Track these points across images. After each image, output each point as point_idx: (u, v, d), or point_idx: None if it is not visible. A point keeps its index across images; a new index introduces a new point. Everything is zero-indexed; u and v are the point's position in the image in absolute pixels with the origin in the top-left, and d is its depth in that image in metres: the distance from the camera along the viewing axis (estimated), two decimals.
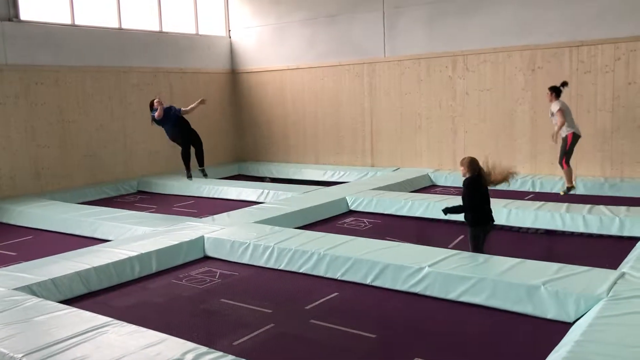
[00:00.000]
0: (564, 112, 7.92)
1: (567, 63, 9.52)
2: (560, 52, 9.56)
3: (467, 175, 5.55)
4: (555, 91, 8.09)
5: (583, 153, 9.55)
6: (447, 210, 5.59)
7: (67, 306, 4.50)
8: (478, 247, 5.57)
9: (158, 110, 8.14)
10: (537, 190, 9.31)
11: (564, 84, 8.19)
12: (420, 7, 10.88)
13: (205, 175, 8.90)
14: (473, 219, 5.56)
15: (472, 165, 5.54)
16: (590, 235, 6.62)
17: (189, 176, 8.88)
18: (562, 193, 8.49)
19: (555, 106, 7.98)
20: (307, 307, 4.82)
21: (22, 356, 3.51)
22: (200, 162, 8.76)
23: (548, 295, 4.39)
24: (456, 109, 10.74)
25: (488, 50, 10.24)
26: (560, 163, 8.25)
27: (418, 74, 11.07)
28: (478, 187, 5.51)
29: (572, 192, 8.39)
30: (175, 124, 8.40)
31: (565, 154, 8.14)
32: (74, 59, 10.61)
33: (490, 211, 5.60)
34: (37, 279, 5.09)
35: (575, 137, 8.08)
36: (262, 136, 13.46)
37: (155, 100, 8.29)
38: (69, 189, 10.38)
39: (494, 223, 5.71)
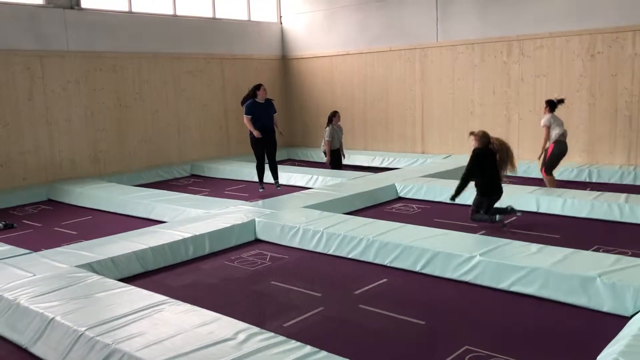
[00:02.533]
0: (549, 127, 7.78)
1: (629, 48, 9.13)
2: (623, 37, 9.17)
3: (477, 147, 5.96)
4: (549, 105, 7.93)
5: None
6: (454, 197, 6.19)
7: (125, 284, 4.68)
8: (478, 208, 6.13)
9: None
10: (595, 179, 9.02)
11: (560, 100, 7.98)
12: None
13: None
14: (481, 188, 6.07)
15: (483, 138, 5.95)
16: None
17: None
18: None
19: (544, 120, 7.85)
20: (356, 292, 4.85)
21: (85, 330, 3.69)
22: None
23: (604, 288, 4.27)
24: (511, 95, 10.48)
25: (545, 35, 9.93)
26: (540, 170, 8.08)
27: (472, 60, 10.85)
28: (486, 159, 5.91)
29: None
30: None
31: (545, 164, 7.93)
32: (131, 45, 10.92)
33: (499, 181, 6.12)
34: (97, 257, 5.32)
35: (557, 147, 7.77)
36: (311, 122, 13.52)
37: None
38: (125, 171, 10.75)
39: (502, 193, 6.24)
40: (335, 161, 9.79)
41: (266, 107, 8.54)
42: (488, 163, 5.87)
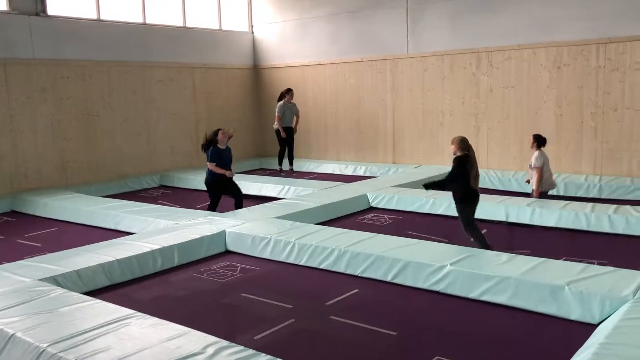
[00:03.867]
0: (541, 170, 7.42)
1: (593, 60, 9.35)
2: (587, 49, 9.39)
3: (458, 154, 5.81)
4: (538, 141, 7.55)
5: (610, 152, 9.40)
6: (428, 186, 5.95)
7: (91, 298, 4.56)
8: (469, 220, 5.88)
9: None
10: (561, 190, 9.16)
11: (544, 140, 7.62)
12: (445, 3, 10.78)
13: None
14: (462, 196, 5.85)
15: (462, 144, 5.82)
16: (617, 236, 6.51)
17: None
18: None
19: (535, 161, 7.40)
20: (328, 304, 4.82)
21: (47, 346, 3.57)
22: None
23: (572, 296, 4.32)
24: (479, 106, 10.63)
25: (513, 46, 10.11)
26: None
27: (441, 71, 10.97)
28: (467, 165, 5.75)
29: None
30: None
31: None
32: (100, 53, 10.73)
33: (477, 187, 5.95)
34: (61, 270, 5.17)
35: (542, 194, 7.59)
36: None
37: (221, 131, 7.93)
38: (93, 182, 10.53)
39: (478, 198, 6.01)
40: (289, 135, 10.81)
41: (227, 152, 7.97)
42: (469, 169, 5.83)
